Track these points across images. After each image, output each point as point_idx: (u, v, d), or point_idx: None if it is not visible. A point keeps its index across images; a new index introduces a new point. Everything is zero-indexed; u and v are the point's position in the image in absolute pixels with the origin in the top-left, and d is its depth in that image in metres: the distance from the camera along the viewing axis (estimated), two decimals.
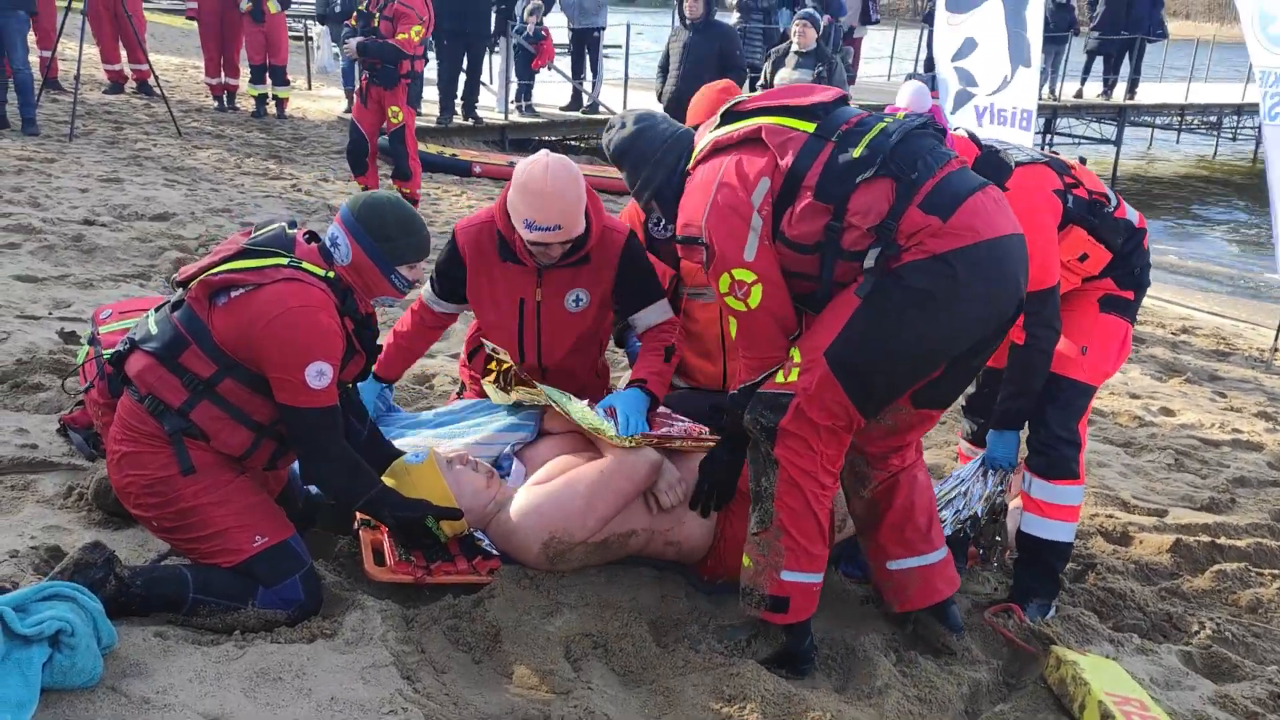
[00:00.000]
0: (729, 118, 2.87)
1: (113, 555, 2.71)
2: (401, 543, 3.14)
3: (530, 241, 3.23)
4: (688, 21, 8.99)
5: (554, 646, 2.87)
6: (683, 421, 3.52)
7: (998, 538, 3.53)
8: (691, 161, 2.92)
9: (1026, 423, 3.38)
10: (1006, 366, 3.31)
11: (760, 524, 2.88)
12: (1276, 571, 3.78)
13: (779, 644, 2.93)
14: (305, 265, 2.84)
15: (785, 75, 8.28)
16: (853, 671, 2.94)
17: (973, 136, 3.22)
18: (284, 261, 2.82)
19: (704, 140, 2.90)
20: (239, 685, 2.50)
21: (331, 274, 2.89)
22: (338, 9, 11.50)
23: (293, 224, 3.03)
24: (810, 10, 8.90)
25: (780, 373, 2.81)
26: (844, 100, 2.86)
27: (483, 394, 3.70)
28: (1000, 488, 3.44)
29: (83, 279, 5.68)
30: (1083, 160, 3.52)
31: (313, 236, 2.99)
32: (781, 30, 12.30)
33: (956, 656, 3.03)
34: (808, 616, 2.91)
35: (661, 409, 3.51)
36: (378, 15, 7.72)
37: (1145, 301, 8.95)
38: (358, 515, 3.24)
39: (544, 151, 3.25)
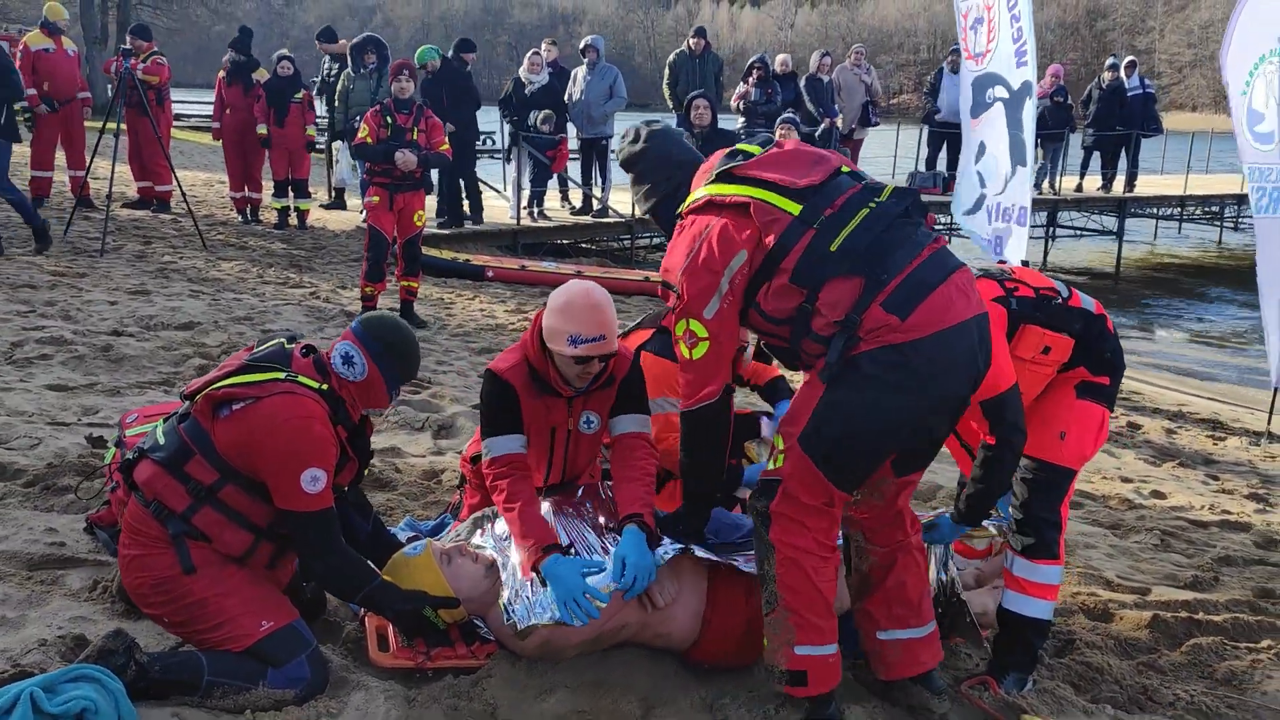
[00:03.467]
0: (726, 178, 3.00)
1: (133, 643, 2.91)
2: (403, 631, 3.33)
3: (576, 357, 3.33)
4: (694, 129, 9.40)
5: None
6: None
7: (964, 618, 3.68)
8: (686, 206, 3.09)
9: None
10: (975, 464, 3.42)
11: (769, 605, 3.05)
12: (1253, 645, 3.90)
13: (804, 711, 3.08)
14: (301, 379, 3.10)
15: None
16: None
17: None
18: (281, 376, 3.08)
19: (699, 192, 3.06)
20: None
21: (325, 386, 3.14)
22: (355, 125, 12.01)
23: (292, 338, 3.31)
24: (790, 115, 9.33)
25: (771, 460, 3.03)
26: (839, 171, 2.99)
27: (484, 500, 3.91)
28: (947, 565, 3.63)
29: (110, 387, 5.96)
30: (1025, 263, 3.77)
31: (309, 350, 3.26)
32: None
33: None
34: (830, 688, 3.05)
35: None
36: (415, 129, 8.14)
37: (1142, 388, 9.07)
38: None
39: (573, 280, 3.46)
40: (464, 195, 12.76)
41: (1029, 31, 7.18)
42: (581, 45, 13.34)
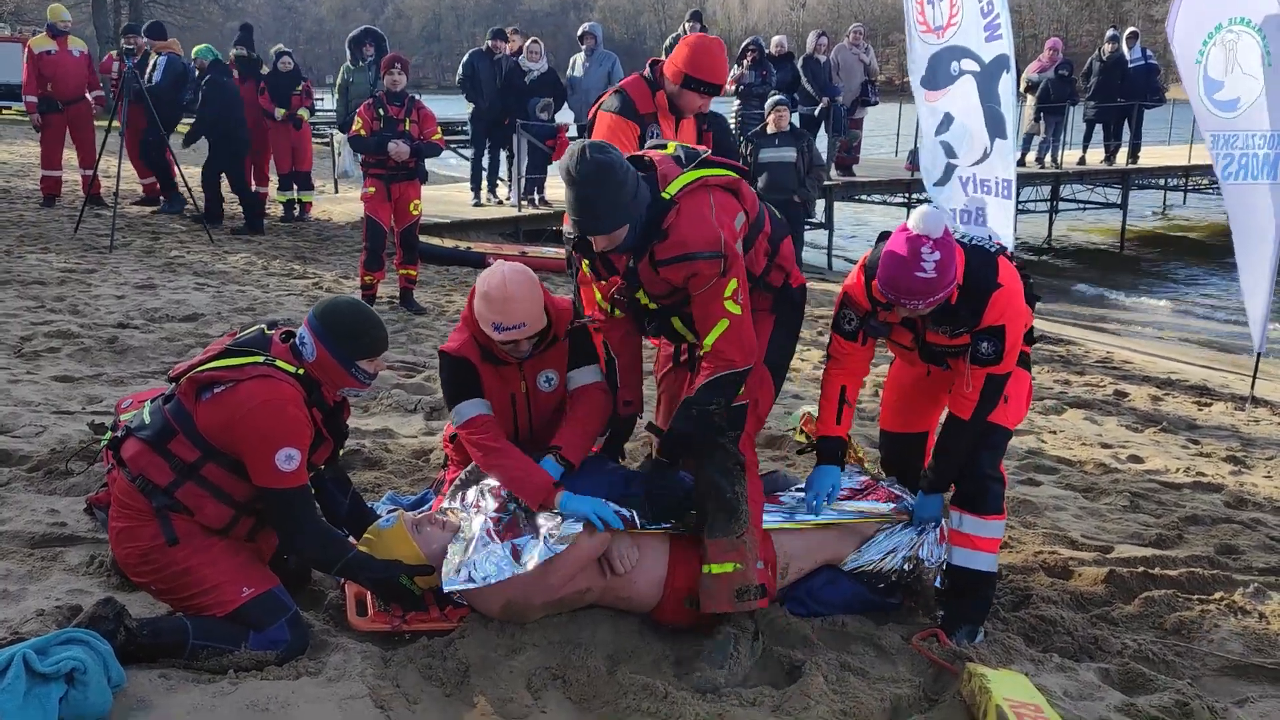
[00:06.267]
0: (705, 164, 3.42)
1: (123, 609, 3.12)
2: (380, 598, 3.52)
3: (500, 341, 3.57)
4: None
5: (517, 679, 3.22)
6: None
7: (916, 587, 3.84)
8: (677, 190, 3.32)
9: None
10: (950, 438, 3.68)
11: (740, 525, 3.40)
12: (1205, 597, 4.03)
13: (753, 632, 3.42)
14: (278, 363, 3.27)
15: (771, 154, 8.80)
16: (789, 692, 3.22)
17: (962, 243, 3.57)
18: (260, 360, 3.25)
19: (686, 177, 3.35)
20: (232, 717, 2.88)
21: (301, 370, 3.31)
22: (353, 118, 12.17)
23: (272, 324, 3.48)
24: (783, 97, 9.42)
25: None
26: None
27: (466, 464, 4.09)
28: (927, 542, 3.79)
29: (115, 377, 6.18)
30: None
31: (288, 335, 3.43)
32: None
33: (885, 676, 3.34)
34: None
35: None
36: (407, 120, 8.32)
37: (1134, 356, 9.17)
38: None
39: (499, 263, 3.63)
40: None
41: (1001, 5, 7.25)
42: (579, 32, 13.47)
